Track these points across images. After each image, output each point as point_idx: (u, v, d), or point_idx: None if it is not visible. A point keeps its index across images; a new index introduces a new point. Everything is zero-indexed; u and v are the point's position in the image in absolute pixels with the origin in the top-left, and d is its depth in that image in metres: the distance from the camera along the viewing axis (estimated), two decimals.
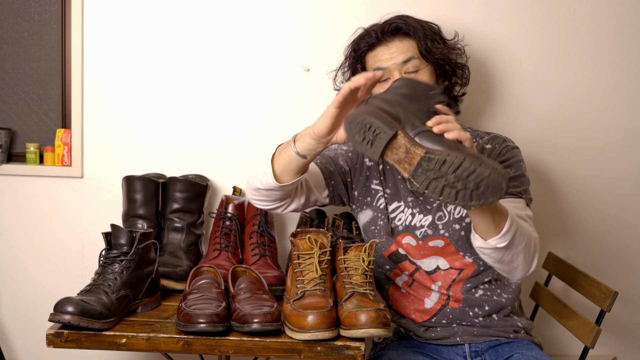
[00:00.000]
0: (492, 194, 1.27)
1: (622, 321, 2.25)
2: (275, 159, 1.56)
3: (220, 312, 1.43)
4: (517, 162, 1.70)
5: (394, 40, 1.72)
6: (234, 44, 2.10)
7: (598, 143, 2.15)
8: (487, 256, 1.51)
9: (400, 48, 1.70)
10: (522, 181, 1.67)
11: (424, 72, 1.71)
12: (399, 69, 1.69)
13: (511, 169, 1.68)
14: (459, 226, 1.69)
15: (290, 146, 1.52)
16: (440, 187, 1.29)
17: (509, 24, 2.09)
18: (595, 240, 2.20)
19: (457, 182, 1.27)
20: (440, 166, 1.27)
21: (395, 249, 1.74)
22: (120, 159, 2.13)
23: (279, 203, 1.66)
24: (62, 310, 1.41)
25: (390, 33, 1.72)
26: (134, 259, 1.55)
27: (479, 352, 1.68)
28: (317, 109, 2.09)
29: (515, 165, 1.69)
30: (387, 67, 1.70)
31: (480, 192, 1.27)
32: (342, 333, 1.43)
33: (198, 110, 2.12)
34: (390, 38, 1.72)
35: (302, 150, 1.51)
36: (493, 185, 1.26)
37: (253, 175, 1.64)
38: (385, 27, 1.72)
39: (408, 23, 1.72)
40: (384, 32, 1.72)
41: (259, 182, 1.60)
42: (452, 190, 1.28)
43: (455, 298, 1.70)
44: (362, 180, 1.79)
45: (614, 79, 2.12)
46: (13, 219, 2.17)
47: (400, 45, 1.71)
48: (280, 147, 1.57)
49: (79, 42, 2.09)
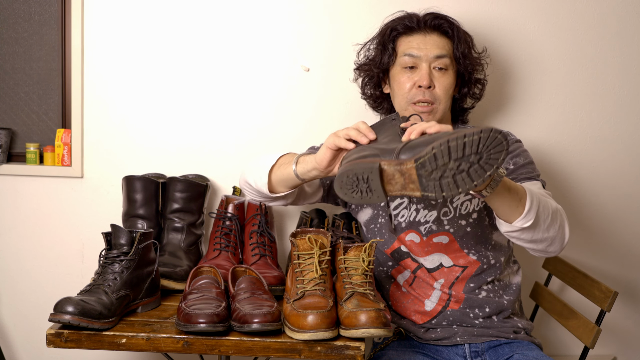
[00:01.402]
0: (496, 152, 1.22)
1: (622, 321, 2.25)
2: (273, 171, 1.58)
3: (220, 312, 1.43)
4: (524, 152, 1.72)
5: (433, 33, 1.72)
6: (234, 44, 2.10)
7: (598, 143, 2.15)
8: (517, 239, 1.51)
9: (437, 43, 1.71)
10: (532, 167, 1.69)
11: (450, 73, 1.71)
12: (429, 61, 1.69)
13: (520, 158, 1.69)
14: (465, 222, 1.69)
15: (292, 166, 1.53)
16: (450, 180, 1.24)
17: (509, 23, 2.09)
18: (595, 240, 2.20)
19: (460, 164, 1.23)
20: (435, 162, 1.24)
21: (398, 246, 1.74)
22: (120, 159, 2.13)
23: (268, 200, 1.70)
24: (62, 310, 1.41)
25: (431, 26, 1.72)
26: (134, 259, 1.55)
27: (479, 353, 1.68)
28: (317, 109, 2.11)
29: (522, 154, 1.71)
30: (419, 56, 1.70)
31: (485, 158, 1.23)
32: (342, 333, 1.43)
33: (198, 111, 2.12)
34: (430, 30, 1.72)
35: (302, 174, 1.53)
36: (490, 143, 1.22)
37: (248, 170, 1.66)
38: (428, 19, 1.73)
39: (451, 23, 1.73)
40: (425, 23, 1.73)
41: (252, 181, 1.63)
42: (462, 175, 1.24)
43: (456, 298, 1.70)
44: None
45: (614, 78, 2.12)
46: (13, 219, 2.17)
47: (437, 40, 1.71)
48: (281, 161, 1.58)
49: (79, 42, 2.09)
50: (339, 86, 2.08)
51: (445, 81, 1.70)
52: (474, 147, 1.22)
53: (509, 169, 1.68)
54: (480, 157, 1.23)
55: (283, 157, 1.60)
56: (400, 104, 1.73)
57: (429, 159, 1.23)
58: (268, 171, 1.58)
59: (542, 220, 1.46)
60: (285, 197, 1.66)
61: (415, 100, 1.69)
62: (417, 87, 1.69)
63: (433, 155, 1.23)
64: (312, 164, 1.49)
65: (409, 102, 1.70)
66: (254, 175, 1.63)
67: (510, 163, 1.69)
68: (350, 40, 2.00)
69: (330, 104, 2.10)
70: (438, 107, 1.69)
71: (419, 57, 1.70)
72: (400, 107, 1.73)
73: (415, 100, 1.69)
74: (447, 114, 1.76)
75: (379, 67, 1.77)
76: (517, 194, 1.43)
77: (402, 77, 1.71)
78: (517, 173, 1.67)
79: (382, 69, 1.78)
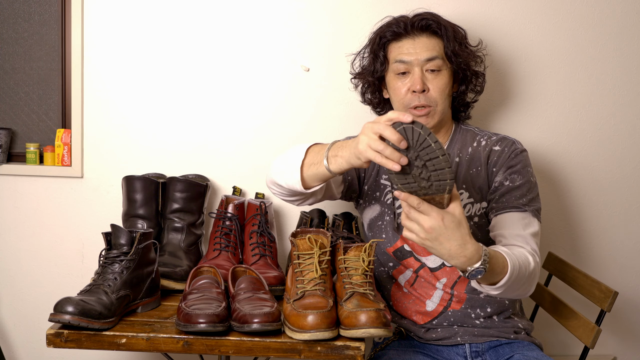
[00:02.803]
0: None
1: (622, 321, 2.25)
2: (305, 169, 1.54)
3: (220, 312, 1.43)
4: (525, 168, 1.68)
5: (422, 35, 1.70)
6: (234, 44, 2.10)
7: (598, 143, 2.15)
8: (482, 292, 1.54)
9: (426, 45, 1.69)
10: (527, 189, 1.65)
11: (444, 73, 1.70)
12: (421, 65, 1.68)
13: (517, 175, 1.67)
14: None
15: (323, 163, 1.48)
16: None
17: (509, 23, 2.09)
18: (595, 240, 2.20)
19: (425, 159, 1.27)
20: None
21: (401, 245, 1.74)
22: (120, 159, 2.13)
23: (298, 197, 1.66)
24: (62, 310, 1.41)
25: (419, 28, 1.70)
26: (134, 259, 1.55)
27: (479, 353, 1.68)
28: (317, 109, 2.11)
29: (522, 171, 1.67)
30: (410, 62, 1.69)
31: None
32: (342, 333, 1.43)
33: (198, 111, 2.12)
34: (418, 33, 1.70)
35: (336, 169, 1.47)
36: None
37: (275, 172, 1.62)
38: (416, 22, 1.71)
39: (439, 22, 1.71)
40: (413, 26, 1.71)
41: (283, 182, 1.60)
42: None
43: (458, 298, 1.70)
44: (374, 174, 1.79)
45: (615, 78, 2.12)
46: (13, 219, 2.17)
47: (427, 42, 1.70)
48: (312, 158, 1.53)
49: (79, 42, 2.09)
50: (338, 86, 2.07)
51: (439, 83, 1.68)
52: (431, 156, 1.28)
53: (505, 185, 1.66)
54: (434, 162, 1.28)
55: (312, 150, 1.55)
56: (398, 110, 1.74)
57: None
58: (299, 167, 1.54)
59: (511, 289, 1.48)
60: (314, 194, 1.63)
61: (412, 105, 1.69)
62: (412, 92, 1.68)
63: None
64: (348, 161, 1.43)
65: (406, 108, 1.70)
66: (284, 175, 1.59)
67: (508, 179, 1.67)
68: (350, 40, 2.00)
69: (330, 104, 2.10)
70: (435, 109, 1.69)
71: (410, 62, 1.69)
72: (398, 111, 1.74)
73: (411, 105, 1.69)
74: (447, 113, 1.76)
75: (373, 75, 1.78)
76: (500, 273, 1.43)
77: (397, 83, 1.71)
78: (508, 196, 1.65)
79: (376, 77, 1.78)
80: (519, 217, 1.61)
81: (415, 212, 1.32)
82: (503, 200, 1.65)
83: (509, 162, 1.68)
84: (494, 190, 1.68)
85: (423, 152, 1.27)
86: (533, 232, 1.60)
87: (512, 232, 1.58)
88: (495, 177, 1.68)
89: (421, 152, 1.27)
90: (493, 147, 1.72)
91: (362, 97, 1.89)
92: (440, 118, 1.71)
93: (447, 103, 1.72)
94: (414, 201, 1.31)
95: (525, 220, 1.61)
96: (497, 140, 1.73)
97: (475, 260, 1.35)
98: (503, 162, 1.68)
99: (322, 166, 1.49)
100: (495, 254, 1.42)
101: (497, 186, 1.67)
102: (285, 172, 1.58)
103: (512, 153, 1.69)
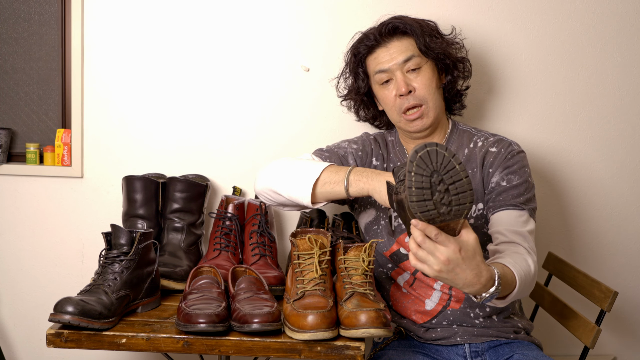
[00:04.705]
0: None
1: (622, 321, 2.25)
2: (318, 187, 1.59)
3: (220, 312, 1.43)
4: (522, 168, 1.68)
5: (393, 40, 1.72)
6: (234, 44, 2.10)
7: (598, 143, 2.15)
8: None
9: (399, 48, 1.70)
10: (525, 189, 1.66)
11: (426, 69, 1.71)
12: (400, 68, 1.69)
13: (515, 176, 1.67)
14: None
15: (343, 187, 1.56)
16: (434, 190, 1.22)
17: (509, 23, 2.09)
18: (595, 240, 2.20)
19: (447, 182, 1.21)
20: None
21: (397, 249, 1.74)
22: (120, 159, 2.13)
23: (293, 208, 1.72)
24: (62, 310, 1.41)
25: (388, 34, 1.72)
26: (134, 259, 1.55)
27: (479, 352, 1.68)
28: (316, 109, 2.11)
29: (519, 171, 1.67)
30: (389, 68, 1.70)
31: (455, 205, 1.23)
32: (342, 333, 1.43)
33: (198, 111, 2.12)
34: (388, 39, 1.72)
35: (354, 194, 1.56)
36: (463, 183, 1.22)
37: (279, 181, 1.65)
38: (383, 28, 1.72)
39: (405, 22, 1.72)
40: (381, 34, 1.72)
41: (286, 193, 1.63)
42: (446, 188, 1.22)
43: (457, 298, 1.70)
44: None
45: (614, 79, 2.12)
46: (13, 219, 2.17)
47: (399, 45, 1.71)
48: (328, 176, 1.59)
49: (79, 42, 2.09)
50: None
51: (422, 79, 1.69)
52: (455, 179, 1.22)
53: (502, 185, 1.66)
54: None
55: (327, 173, 1.60)
56: (393, 117, 1.76)
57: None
58: (312, 185, 1.59)
59: (515, 298, 1.46)
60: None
61: (403, 109, 1.70)
62: (400, 96, 1.69)
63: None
64: (372, 194, 1.53)
65: (399, 113, 1.71)
66: (290, 188, 1.62)
67: (505, 180, 1.67)
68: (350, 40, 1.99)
69: (329, 104, 2.10)
70: (427, 107, 1.69)
71: (389, 69, 1.70)
72: (393, 120, 1.76)
73: (403, 109, 1.70)
74: (440, 107, 1.75)
75: (359, 93, 1.81)
76: (504, 290, 1.40)
77: (384, 92, 1.73)
78: (505, 195, 1.65)
79: (363, 93, 1.81)
80: (516, 214, 1.62)
81: (431, 243, 1.23)
82: (500, 198, 1.65)
83: (506, 162, 1.68)
84: (491, 191, 1.68)
85: (447, 175, 1.20)
86: (530, 230, 1.61)
87: (510, 229, 1.58)
88: (492, 178, 1.68)
89: (445, 175, 1.20)
90: (490, 148, 1.71)
91: (356, 116, 1.93)
92: (435, 115, 1.71)
93: (437, 97, 1.72)
94: (432, 231, 1.22)
95: (522, 218, 1.62)
96: (494, 141, 1.73)
97: (490, 285, 1.32)
98: (499, 163, 1.68)
99: (340, 186, 1.56)
100: (504, 270, 1.40)
101: (493, 187, 1.67)
102: (293, 185, 1.61)
103: (508, 154, 1.69)
